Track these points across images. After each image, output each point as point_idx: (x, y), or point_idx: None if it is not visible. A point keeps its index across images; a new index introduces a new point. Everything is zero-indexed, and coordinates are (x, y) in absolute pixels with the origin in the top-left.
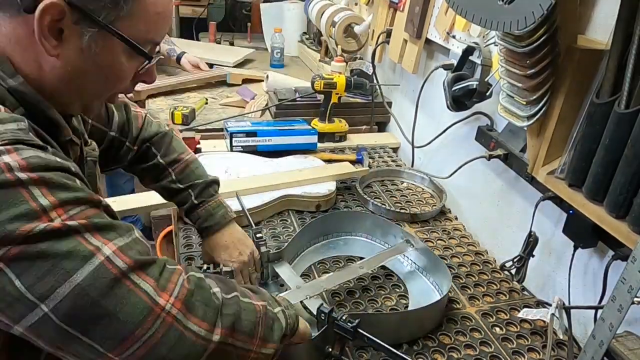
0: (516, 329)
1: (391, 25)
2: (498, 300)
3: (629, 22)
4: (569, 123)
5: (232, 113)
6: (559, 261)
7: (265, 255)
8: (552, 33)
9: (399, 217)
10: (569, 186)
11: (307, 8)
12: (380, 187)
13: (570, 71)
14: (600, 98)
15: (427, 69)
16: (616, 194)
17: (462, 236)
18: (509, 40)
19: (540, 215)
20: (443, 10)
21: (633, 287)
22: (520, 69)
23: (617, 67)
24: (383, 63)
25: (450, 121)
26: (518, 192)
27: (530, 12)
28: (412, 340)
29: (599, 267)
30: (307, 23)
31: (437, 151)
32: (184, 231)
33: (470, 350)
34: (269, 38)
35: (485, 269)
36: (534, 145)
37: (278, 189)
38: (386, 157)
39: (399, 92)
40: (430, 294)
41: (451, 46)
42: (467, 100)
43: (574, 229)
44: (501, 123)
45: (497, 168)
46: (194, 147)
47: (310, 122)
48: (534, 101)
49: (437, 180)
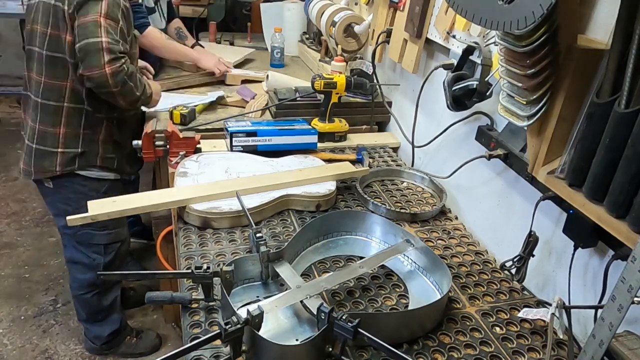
0: (516, 328)
1: (391, 25)
2: (498, 299)
3: (629, 22)
4: (569, 123)
5: (232, 113)
6: (559, 261)
7: (265, 255)
8: (552, 33)
9: (399, 217)
10: (569, 186)
11: (307, 8)
12: (380, 187)
13: (570, 71)
14: (601, 98)
15: (427, 69)
16: (616, 193)
17: (462, 236)
18: (509, 40)
19: (540, 214)
20: (443, 10)
21: (633, 286)
22: (521, 69)
23: (617, 66)
24: (383, 63)
25: (451, 121)
26: (518, 191)
27: (530, 12)
28: (412, 340)
29: (599, 267)
30: (307, 23)
31: (437, 151)
32: (184, 231)
33: (471, 350)
34: (269, 38)
35: (485, 268)
36: (534, 145)
37: (278, 189)
38: (386, 157)
39: (399, 91)
40: (430, 293)
41: (451, 46)
42: (467, 100)
43: (574, 229)
44: (501, 123)
45: (497, 168)
46: (194, 147)
47: (310, 121)
48: (534, 101)
49: (437, 180)
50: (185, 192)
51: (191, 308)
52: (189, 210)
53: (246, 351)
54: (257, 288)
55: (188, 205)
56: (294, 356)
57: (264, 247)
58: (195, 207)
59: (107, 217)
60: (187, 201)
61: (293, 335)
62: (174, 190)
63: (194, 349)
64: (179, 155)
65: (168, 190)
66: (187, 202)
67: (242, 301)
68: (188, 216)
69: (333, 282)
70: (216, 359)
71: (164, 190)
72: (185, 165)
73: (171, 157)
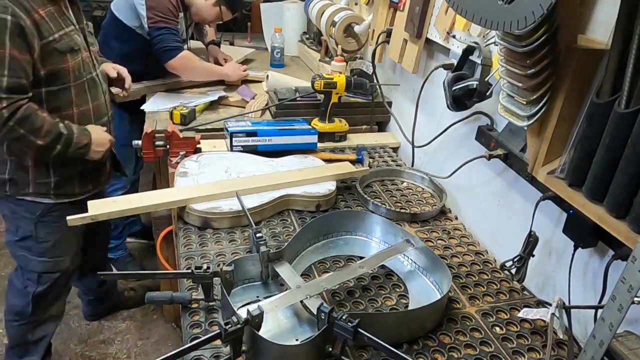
0: (516, 328)
1: (391, 25)
2: (498, 300)
3: (629, 22)
4: (569, 123)
5: (232, 113)
6: (559, 261)
7: (265, 255)
8: (552, 33)
9: (399, 217)
10: (569, 186)
11: (307, 8)
12: (380, 187)
13: (570, 71)
14: (601, 98)
15: (427, 69)
16: (616, 193)
17: (462, 236)
18: (509, 40)
19: (540, 215)
20: (443, 10)
21: (633, 286)
22: (521, 69)
23: (617, 66)
24: (383, 63)
25: (451, 121)
26: (518, 191)
27: (530, 12)
28: (412, 339)
29: (599, 267)
30: (307, 23)
31: (437, 151)
32: (184, 231)
33: (471, 350)
34: (269, 38)
35: (485, 268)
36: (534, 145)
37: (278, 189)
38: (386, 157)
39: (399, 91)
40: (430, 293)
41: (451, 46)
42: (467, 100)
43: (574, 229)
44: (501, 123)
45: (497, 168)
46: (194, 147)
47: (311, 121)
48: (534, 101)
49: (437, 180)
50: (185, 192)
51: (191, 308)
52: (189, 211)
53: (246, 351)
54: (257, 288)
55: (188, 206)
56: (294, 356)
57: (264, 247)
58: (196, 207)
59: (107, 217)
60: (187, 201)
61: (293, 335)
62: (174, 190)
63: (194, 349)
64: (179, 155)
65: (168, 190)
66: (187, 202)
67: (242, 301)
68: (188, 216)
69: (333, 282)
70: (216, 359)
71: (164, 191)
72: (185, 165)
73: (171, 157)
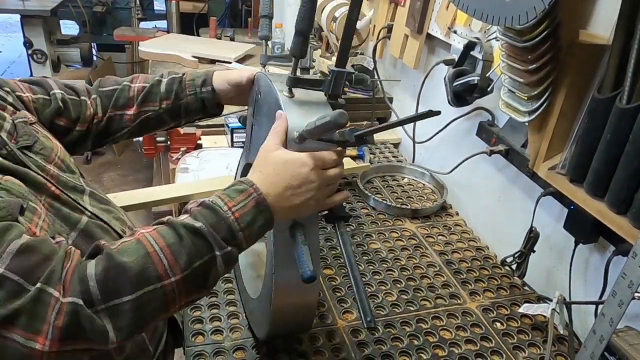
0: (517, 324)
1: (392, 21)
2: (499, 295)
3: (631, 17)
4: (570, 118)
5: (233, 109)
6: (559, 256)
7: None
8: (553, 28)
9: (400, 213)
10: (570, 181)
11: None
12: (381, 183)
13: (571, 66)
14: (602, 93)
15: (428, 65)
16: (617, 189)
17: (463, 232)
18: (511, 35)
19: (541, 210)
20: (444, 5)
21: (633, 282)
22: (522, 64)
23: (618, 62)
24: (384, 58)
25: (452, 117)
26: (519, 187)
27: (532, 7)
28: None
29: (599, 263)
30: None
31: (438, 147)
32: None
33: (471, 345)
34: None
35: (486, 264)
36: (535, 141)
37: None
38: (387, 153)
39: (400, 87)
40: None
41: (452, 41)
42: (468, 96)
43: (575, 225)
44: (502, 118)
45: (498, 163)
46: (195, 143)
47: None
48: (535, 96)
49: (438, 175)
50: (186, 188)
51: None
52: None
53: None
54: None
55: (189, 202)
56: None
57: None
58: None
59: None
60: (188, 197)
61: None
62: (175, 186)
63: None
64: (180, 151)
65: (169, 186)
66: (188, 198)
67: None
68: None
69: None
70: (217, 354)
71: (165, 186)
72: (186, 161)
73: (172, 153)
